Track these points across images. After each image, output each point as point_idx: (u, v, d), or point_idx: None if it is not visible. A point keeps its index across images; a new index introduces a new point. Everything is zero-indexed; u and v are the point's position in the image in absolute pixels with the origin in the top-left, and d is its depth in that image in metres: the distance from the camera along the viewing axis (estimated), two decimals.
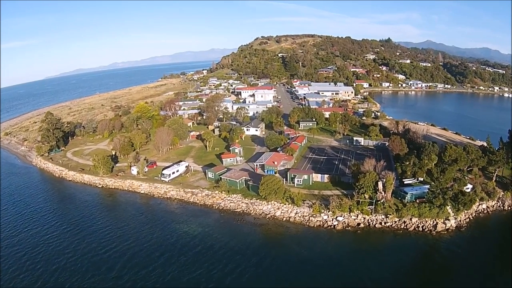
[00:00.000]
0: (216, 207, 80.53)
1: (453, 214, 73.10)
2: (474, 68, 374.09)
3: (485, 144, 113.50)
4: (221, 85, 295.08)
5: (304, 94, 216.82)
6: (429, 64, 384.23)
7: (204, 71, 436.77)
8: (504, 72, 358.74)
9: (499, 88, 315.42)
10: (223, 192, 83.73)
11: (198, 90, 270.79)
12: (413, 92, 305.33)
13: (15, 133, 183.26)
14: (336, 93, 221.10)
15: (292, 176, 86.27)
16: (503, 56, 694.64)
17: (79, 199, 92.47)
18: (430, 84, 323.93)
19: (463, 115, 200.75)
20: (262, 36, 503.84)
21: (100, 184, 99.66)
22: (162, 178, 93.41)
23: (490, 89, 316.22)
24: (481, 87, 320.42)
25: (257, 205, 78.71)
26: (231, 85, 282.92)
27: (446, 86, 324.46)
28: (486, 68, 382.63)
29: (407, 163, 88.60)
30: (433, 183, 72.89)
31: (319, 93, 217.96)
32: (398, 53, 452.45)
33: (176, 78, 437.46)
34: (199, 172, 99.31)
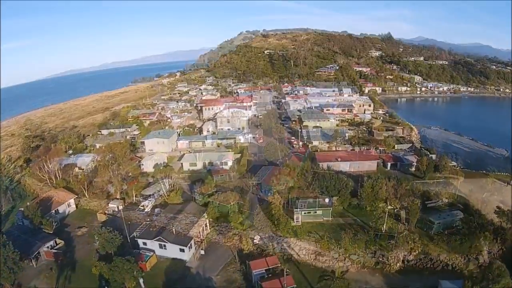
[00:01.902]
0: (202, 238, 67.96)
1: (487, 247, 61.84)
2: (494, 67, 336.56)
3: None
4: (188, 92, 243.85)
5: (300, 112, 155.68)
6: (446, 62, 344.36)
7: (178, 74, 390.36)
8: None
9: None
10: (211, 219, 71.17)
11: (153, 103, 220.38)
12: (436, 99, 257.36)
13: None
14: (349, 110, 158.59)
15: (295, 199, 73.86)
16: (495, 51, 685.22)
17: None
18: (452, 86, 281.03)
19: None
20: (247, 31, 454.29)
21: None
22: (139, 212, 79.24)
23: None
24: (507, 90, 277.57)
25: (252, 237, 66.37)
26: (202, 92, 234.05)
27: (468, 89, 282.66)
28: (491, 66, 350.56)
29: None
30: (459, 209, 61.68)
31: (322, 110, 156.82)
32: (401, 50, 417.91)
33: (148, 81, 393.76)
34: (184, 192, 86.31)
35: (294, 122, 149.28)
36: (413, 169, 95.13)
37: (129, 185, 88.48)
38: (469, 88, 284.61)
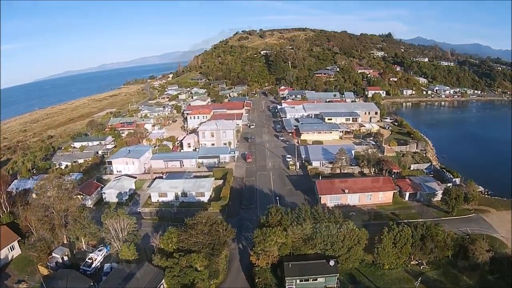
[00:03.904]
0: None
1: None
2: (500, 68, 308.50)
3: None
4: (178, 96, 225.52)
5: (297, 121, 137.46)
6: (452, 64, 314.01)
7: (171, 75, 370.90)
8: None
9: None
10: None
11: (137, 109, 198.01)
12: (443, 103, 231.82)
13: None
14: (354, 119, 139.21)
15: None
16: (494, 51, 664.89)
17: None
18: (459, 89, 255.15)
19: None
20: (243, 31, 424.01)
21: None
22: None
23: None
24: None
25: None
26: (192, 97, 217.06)
27: (475, 92, 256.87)
28: (496, 68, 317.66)
29: None
30: None
31: (323, 119, 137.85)
32: (402, 50, 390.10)
33: (141, 83, 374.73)
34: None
35: (291, 134, 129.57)
36: (436, 198, 75.29)
37: None
38: (475, 91, 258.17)
